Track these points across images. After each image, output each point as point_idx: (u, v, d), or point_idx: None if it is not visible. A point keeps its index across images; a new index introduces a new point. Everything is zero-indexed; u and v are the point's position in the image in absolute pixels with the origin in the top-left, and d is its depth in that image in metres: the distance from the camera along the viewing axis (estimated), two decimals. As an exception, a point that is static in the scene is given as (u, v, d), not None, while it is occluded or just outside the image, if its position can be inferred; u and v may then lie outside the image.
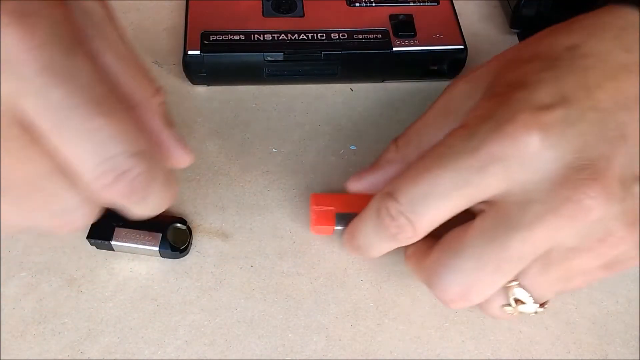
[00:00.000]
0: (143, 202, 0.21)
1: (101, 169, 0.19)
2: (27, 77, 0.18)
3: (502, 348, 0.29)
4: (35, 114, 0.18)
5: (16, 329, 0.28)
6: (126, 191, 0.19)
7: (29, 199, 0.19)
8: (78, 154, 0.19)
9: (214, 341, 0.28)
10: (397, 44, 0.36)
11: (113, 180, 0.19)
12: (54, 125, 0.18)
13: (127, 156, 0.19)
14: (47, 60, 0.18)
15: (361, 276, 0.30)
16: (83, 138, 0.18)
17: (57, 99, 0.18)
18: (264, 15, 0.36)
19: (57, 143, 0.19)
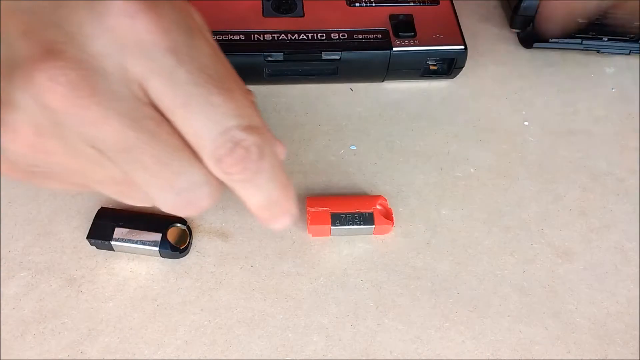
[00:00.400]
0: (256, 179, 0.21)
1: (221, 140, 0.20)
2: (155, 58, 0.19)
3: (502, 348, 0.29)
4: (161, 93, 0.20)
5: (16, 329, 0.28)
6: (241, 160, 0.20)
7: (158, 178, 0.21)
8: (200, 127, 0.20)
9: (214, 341, 0.28)
10: (397, 44, 0.36)
11: (230, 149, 0.20)
12: (180, 102, 0.20)
13: (242, 128, 0.20)
14: (172, 42, 0.19)
15: (361, 276, 0.30)
16: (205, 113, 0.20)
17: (182, 77, 0.20)
18: (264, 15, 0.36)
19: (181, 119, 0.20)
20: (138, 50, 0.19)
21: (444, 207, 0.33)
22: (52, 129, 0.20)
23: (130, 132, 0.20)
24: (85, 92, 0.19)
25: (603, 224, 0.33)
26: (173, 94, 0.20)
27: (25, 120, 0.20)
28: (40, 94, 0.19)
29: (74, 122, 0.19)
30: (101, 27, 0.19)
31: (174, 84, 0.20)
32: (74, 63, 0.19)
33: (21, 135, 0.20)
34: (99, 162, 0.21)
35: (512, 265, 0.31)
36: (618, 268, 0.31)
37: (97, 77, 0.19)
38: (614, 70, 0.40)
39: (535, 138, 0.36)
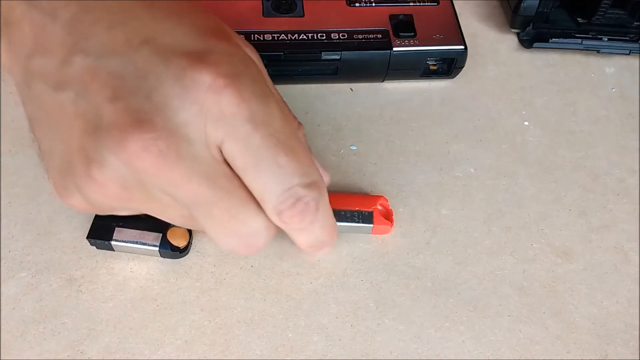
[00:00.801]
0: (311, 227, 0.24)
1: (284, 196, 0.23)
2: (235, 126, 0.22)
3: (502, 348, 0.29)
4: (236, 154, 0.22)
5: (16, 329, 0.28)
6: (300, 213, 0.23)
7: (225, 227, 0.23)
8: (266, 185, 0.22)
9: (214, 341, 0.28)
10: (397, 44, 0.36)
11: (292, 204, 0.23)
12: (251, 162, 0.22)
13: (303, 186, 0.23)
14: (250, 112, 0.22)
15: (361, 276, 0.30)
16: (272, 172, 0.22)
17: (256, 142, 0.22)
18: (264, 15, 0.36)
19: (251, 177, 0.22)
20: (220, 119, 0.21)
21: (444, 207, 0.33)
22: (136, 184, 0.22)
23: (207, 190, 0.22)
24: (172, 159, 0.21)
25: (603, 224, 0.33)
26: (246, 156, 0.22)
27: (113, 178, 0.22)
28: (132, 159, 0.21)
29: (159, 182, 0.22)
30: (188, 100, 0.21)
31: (248, 148, 0.22)
32: (163, 133, 0.21)
33: (108, 189, 0.22)
34: (174, 206, 0.23)
35: (512, 265, 0.31)
36: (618, 268, 0.31)
37: (182, 144, 0.21)
38: (614, 70, 0.40)
39: (535, 138, 0.36)
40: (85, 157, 0.22)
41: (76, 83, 0.21)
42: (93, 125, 0.21)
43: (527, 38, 0.40)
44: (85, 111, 0.21)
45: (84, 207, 0.24)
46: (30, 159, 0.33)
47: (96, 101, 0.21)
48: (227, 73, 0.22)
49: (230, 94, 0.21)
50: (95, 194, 0.22)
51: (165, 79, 0.21)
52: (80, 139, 0.22)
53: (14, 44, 0.23)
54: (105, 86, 0.21)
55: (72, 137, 0.22)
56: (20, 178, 0.32)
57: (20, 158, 0.33)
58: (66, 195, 0.24)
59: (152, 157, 0.21)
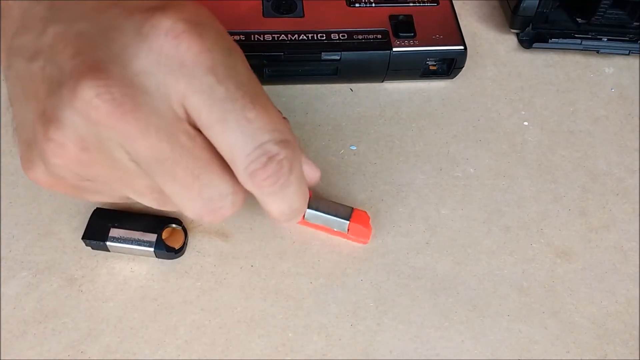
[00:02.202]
0: (284, 192, 0.23)
1: (255, 154, 0.21)
2: (196, 76, 0.20)
3: (501, 348, 0.29)
4: (200, 109, 0.21)
5: (16, 329, 0.28)
6: (273, 174, 0.22)
7: (188, 189, 0.22)
8: (235, 142, 0.21)
9: (214, 341, 0.28)
10: (397, 44, 0.36)
11: (264, 164, 0.21)
12: (216, 118, 0.21)
13: (275, 142, 0.21)
14: (213, 61, 0.21)
15: (361, 276, 0.30)
16: (240, 128, 0.21)
17: (220, 95, 0.21)
18: (264, 15, 0.36)
19: (217, 134, 0.21)
20: (180, 69, 0.20)
21: (444, 207, 0.33)
22: (95, 143, 0.21)
23: (166, 146, 0.21)
24: (128, 108, 0.20)
25: (602, 224, 0.33)
26: (211, 110, 0.21)
27: (71, 135, 0.21)
28: (85, 108, 0.20)
29: (115, 136, 0.21)
30: (145, 47, 0.20)
31: (212, 101, 0.21)
32: (117, 80, 0.20)
33: (67, 149, 0.21)
34: (137, 174, 0.22)
35: (512, 265, 0.31)
36: (617, 268, 0.31)
37: (138, 94, 0.20)
38: (614, 71, 0.40)
39: (535, 138, 0.36)
40: (45, 118, 0.21)
41: (46, 50, 0.21)
42: (55, 84, 0.21)
43: (526, 38, 0.40)
44: (50, 73, 0.21)
45: (48, 181, 0.23)
46: (31, 159, 0.33)
47: (60, 61, 0.21)
48: (188, 19, 0.21)
49: (190, 40, 0.20)
50: (55, 157, 0.21)
51: (126, 30, 0.21)
52: (42, 103, 0.21)
53: (4, 30, 0.23)
54: (69, 46, 0.21)
55: (38, 104, 0.21)
56: (21, 178, 0.32)
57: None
58: (30, 168, 0.23)
59: (106, 106, 0.20)
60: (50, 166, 0.22)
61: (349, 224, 0.30)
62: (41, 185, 0.24)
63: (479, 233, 0.32)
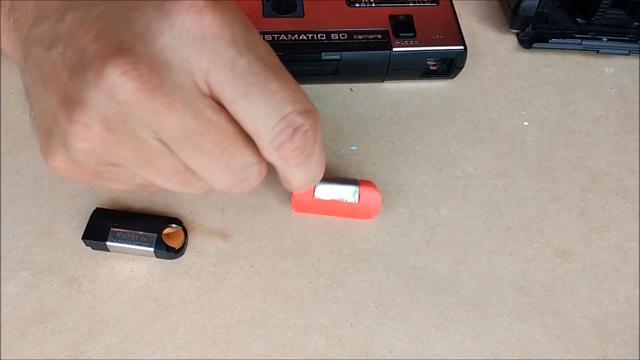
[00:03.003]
0: (308, 162, 0.23)
1: (281, 125, 0.22)
2: (218, 50, 0.21)
3: (501, 348, 0.29)
4: (224, 83, 0.21)
5: (16, 329, 0.28)
6: (299, 145, 0.22)
7: (216, 161, 0.23)
8: (259, 115, 0.21)
9: (214, 341, 0.28)
10: (397, 44, 0.36)
11: (290, 135, 0.22)
12: (240, 91, 0.21)
13: (299, 113, 0.22)
14: (234, 35, 0.21)
15: (361, 276, 0.30)
16: (263, 100, 0.21)
17: (242, 67, 0.21)
18: (264, 15, 0.36)
19: (241, 108, 0.21)
20: (202, 43, 0.21)
21: (444, 207, 0.33)
22: (120, 123, 0.21)
23: (193, 120, 0.21)
24: (154, 84, 0.20)
25: (602, 224, 0.33)
26: (234, 83, 0.21)
27: (96, 116, 0.21)
28: (112, 88, 0.20)
29: (142, 114, 0.21)
30: (168, 24, 0.21)
31: (235, 74, 0.21)
32: (143, 58, 0.20)
33: (92, 131, 0.21)
34: (162, 153, 0.22)
35: (512, 265, 0.31)
36: (618, 268, 0.31)
37: (164, 71, 0.20)
38: (614, 71, 0.40)
39: (535, 138, 0.36)
40: (69, 101, 0.21)
41: (65, 36, 0.21)
42: (77, 68, 0.21)
43: (526, 38, 0.40)
44: (72, 58, 0.21)
45: (69, 168, 0.23)
46: (31, 159, 0.33)
47: (81, 46, 0.21)
48: None
49: (211, 15, 0.21)
50: (79, 140, 0.21)
51: (146, 8, 0.21)
52: (64, 88, 0.21)
53: (18, 22, 0.24)
54: (90, 29, 0.21)
55: (59, 90, 0.21)
56: (21, 178, 0.32)
57: (20, 158, 0.33)
58: (51, 155, 0.23)
59: (133, 84, 0.20)
60: (73, 150, 0.22)
61: (359, 190, 0.30)
62: (60, 173, 0.24)
63: (479, 233, 0.32)
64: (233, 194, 0.24)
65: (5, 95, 0.36)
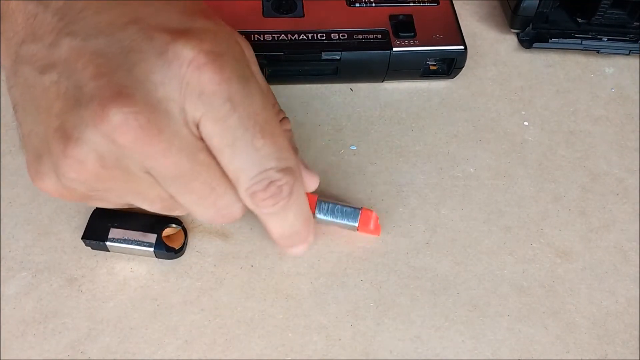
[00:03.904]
0: (283, 213, 0.25)
1: (258, 178, 0.23)
2: (213, 106, 0.22)
3: (501, 348, 0.29)
4: (213, 134, 0.22)
5: (16, 329, 0.28)
6: (272, 196, 0.23)
7: (204, 199, 0.24)
8: (241, 166, 0.23)
9: (214, 341, 0.28)
10: (397, 44, 0.36)
11: (265, 187, 0.23)
12: (227, 143, 0.22)
13: (278, 170, 0.23)
14: (230, 92, 0.22)
15: (361, 276, 0.30)
16: (247, 154, 0.23)
17: (233, 123, 0.22)
18: (264, 15, 0.36)
19: (226, 157, 0.23)
20: (199, 97, 0.21)
21: (444, 207, 0.33)
22: (114, 161, 0.22)
23: (186, 164, 0.22)
24: (153, 133, 0.21)
25: (603, 224, 0.33)
26: (223, 136, 0.22)
27: (91, 154, 0.22)
28: (111, 132, 0.21)
29: (137, 157, 0.22)
30: (169, 75, 0.21)
31: (225, 128, 0.22)
32: (144, 107, 0.21)
33: (86, 166, 0.22)
34: (151, 185, 0.23)
35: (512, 265, 0.31)
36: (618, 268, 0.31)
37: (162, 119, 0.21)
38: (614, 71, 0.40)
39: (535, 138, 0.36)
40: (64, 134, 0.21)
41: (61, 64, 0.22)
42: (73, 102, 0.21)
43: (526, 38, 0.40)
44: (67, 90, 0.21)
45: (58, 191, 0.24)
46: (31, 159, 0.33)
47: (78, 79, 0.21)
48: (210, 50, 0.22)
49: (212, 72, 0.21)
50: (72, 172, 0.22)
51: (148, 54, 0.21)
52: (59, 118, 0.22)
53: (6, 34, 0.23)
54: (89, 64, 0.21)
55: (52, 118, 0.22)
56: (20, 178, 0.32)
57: (20, 158, 0.33)
58: (40, 178, 0.24)
59: (133, 131, 0.21)
60: (65, 179, 0.23)
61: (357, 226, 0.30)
62: (49, 194, 0.24)
63: (479, 233, 0.32)
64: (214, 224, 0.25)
65: (5, 95, 0.35)
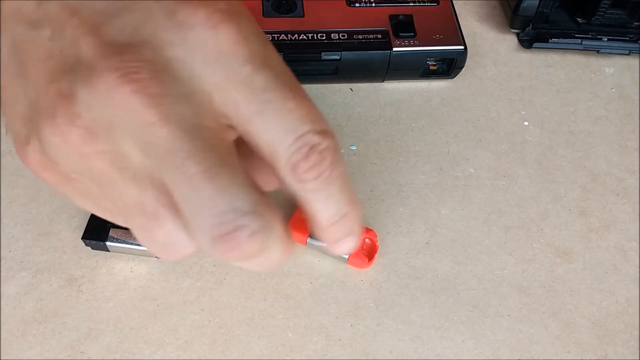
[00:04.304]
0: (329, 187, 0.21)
1: (297, 145, 0.20)
2: (234, 67, 0.20)
3: (502, 348, 0.29)
4: (237, 101, 0.20)
5: (16, 329, 0.28)
6: (316, 165, 0.20)
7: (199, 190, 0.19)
8: (275, 134, 0.20)
9: (214, 341, 0.28)
10: (397, 44, 0.36)
11: (306, 154, 0.20)
12: (255, 109, 0.20)
13: (317, 132, 0.20)
14: (250, 51, 0.20)
15: (361, 276, 0.30)
16: (280, 119, 0.20)
17: (259, 84, 0.20)
18: (264, 15, 0.36)
19: (256, 127, 0.20)
20: (217, 59, 0.19)
21: (444, 207, 0.33)
22: (105, 130, 0.19)
23: (185, 136, 0.19)
24: (154, 90, 0.18)
25: (603, 224, 0.33)
26: (250, 101, 0.20)
27: (82, 115, 0.19)
28: (109, 89, 0.18)
29: (131, 122, 0.19)
30: (180, 35, 0.19)
31: (250, 92, 0.20)
32: (149, 64, 0.19)
33: (74, 129, 0.19)
34: (136, 179, 0.20)
35: (512, 265, 0.31)
36: (618, 268, 0.31)
37: (168, 80, 0.19)
38: (614, 71, 0.40)
39: (535, 138, 0.36)
40: (55, 93, 0.19)
41: (54, 20, 0.20)
42: (70, 60, 0.19)
43: (526, 38, 0.40)
44: (62, 49, 0.20)
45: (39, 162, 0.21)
46: (31, 159, 0.33)
47: (74, 36, 0.19)
48: (224, 9, 0.20)
49: (228, 30, 0.19)
50: (57, 135, 0.20)
51: (156, 13, 0.19)
52: (52, 77, 0.20)
53: None
54: (87, 21, 0.19)
55: (43, 77, 0.20)
56: (20, 178, 0.32)
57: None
58: (24, 144, 0.21)
59: (132, 86, 0.18)
60: (48, 144, 0.20)
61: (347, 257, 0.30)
62: (29, 166, 0.22)
63: (479, 233, 0.32)
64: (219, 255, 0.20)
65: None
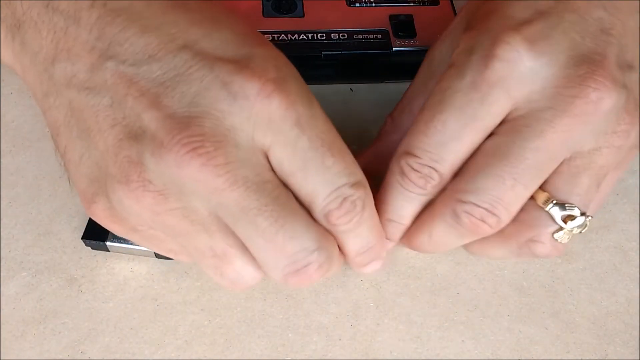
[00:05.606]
0: (358, 228, 0.24)
1: (332, 196, 0.22)
2: (283, 131, 0.21)
3: (502, 348, 0.29)
4: (284, 160, 0.22)
5: (16, 329, 0.28)
6: (347, 212, 0.23)
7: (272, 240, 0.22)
8: (314, 187, 0.22)
9: (214, 341, 0.28)
10: (397, 44, 0.36)
11: (340, 204, 0.22)
12: (298, 166, 0.22)
13: (350, 186, 0.23)
14: (298, 114, 0.22)
15: (361, 276, 0.30)
16: (319, 174, 0.22)
17: (303, 145, 0.22)
18: (264, 15, 0.37)
19: (298, 181, 0.22)
20: (268, 125, 0.21)
21: (444, 207, 0.33)
22: (176, 192, 0.21)
23: (253, 195, 0.21)
24: (219, 161, 0.20)
25: (603, 224, 0.33)
26: (294, 159, 0.22)
27: (154, 182, 0.21)
28: (177, 162, 0.20)
29: (202, 189, 0.21)
30: (235, 105, 0.21)
31: (296, 152, 0.22)
32: (211, 137, 0.20)
33: (147, 194, 0.21)
34: (207, 229, 0.22)
35: (512, 265, 0.31)
36: (618, 268, 0.31)
37: (230, 149, 0.21)
38: (614, 71, 0.40)
39: (535, 138, 0.36)
40: (125, 160, 0.21)
41: (111, 88, 0.21)
42: (135, 131, 0.21)
43: None
44: (125, 117, 0.21)
45: (108, 217, 0.23)
46: (31, 159, 0.33)
47: (136, 108, 0.21)
48: (274, 78, 0.21)
49: (279, 99, 0.21)
50: (130, 199, 0.21)
51: (211, 84, 0.21)
52: (119, 145, 0.21)
53: (29, 46, 0.23)
54: (146, 92, 0.21)
55: (108, 143, 0.21)
56: (20, 178, 0.32)
57: (20, 158, 0.33)
58: (93, 202, 0.23)
59: (200, 161, 0.20)
60: (121, 207, 0.22)
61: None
62: (98, 220, 0.24)
63: (479, 233, 0.32)
64: (290, 285, 0.23)
65: (5, 95, 0.36)
